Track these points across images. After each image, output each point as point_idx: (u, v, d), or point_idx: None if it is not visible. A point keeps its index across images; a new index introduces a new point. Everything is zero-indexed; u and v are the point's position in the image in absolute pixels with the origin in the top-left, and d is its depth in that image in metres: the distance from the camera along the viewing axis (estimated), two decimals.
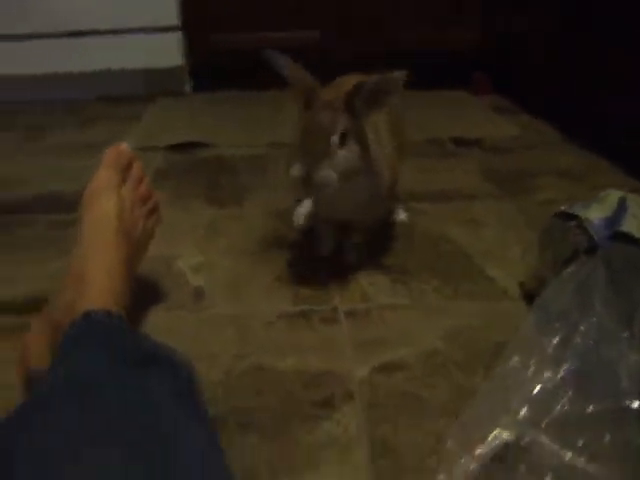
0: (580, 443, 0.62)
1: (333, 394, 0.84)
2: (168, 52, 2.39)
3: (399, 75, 0.97)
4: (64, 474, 0.53)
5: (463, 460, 0.63)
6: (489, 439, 0.64)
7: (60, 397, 0.61)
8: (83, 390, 0.61)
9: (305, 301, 1.06)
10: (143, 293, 0.96)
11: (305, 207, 1.18)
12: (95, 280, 0.82)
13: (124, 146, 0.98)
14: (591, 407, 0.62)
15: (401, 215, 1.34)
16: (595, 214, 0.93)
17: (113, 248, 0.87)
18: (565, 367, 0.65)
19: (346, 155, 0.98)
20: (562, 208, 1.01)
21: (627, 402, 0.61)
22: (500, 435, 0.64)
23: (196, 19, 2.37)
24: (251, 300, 1.08)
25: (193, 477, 0.55)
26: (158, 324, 0.92)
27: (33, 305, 1.06)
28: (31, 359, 0.84)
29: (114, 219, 0.90)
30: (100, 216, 0.90)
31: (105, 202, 0.91)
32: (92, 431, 0.56)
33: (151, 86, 2.50)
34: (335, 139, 0.97)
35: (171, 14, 2.34)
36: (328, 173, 0.96)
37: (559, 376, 0.65)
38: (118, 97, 2.46)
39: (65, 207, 1.47)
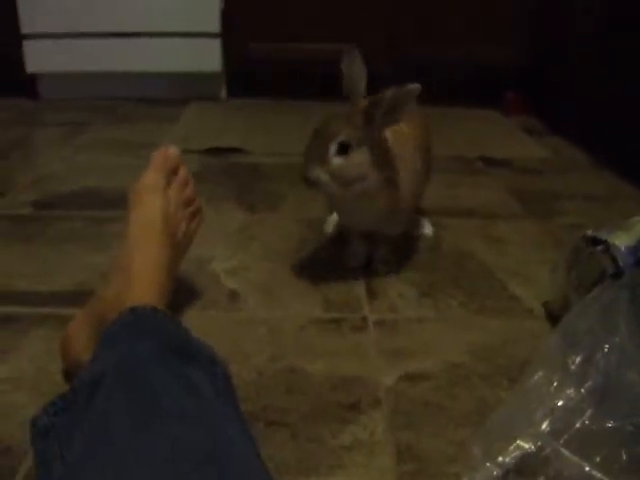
0: (598, 458, 0.65)
1: (360, 399, 0.88)
2: (207, 57, 2.44)
3: (414, 88, 1.03)
4: (110, 460, 0.56)
5: (486, 466, 0.66)
6: (511, 448, 0.67)
7: (109, 384, 0.64)
8: (131, 379, 0.64)
9: (336, 308, 1.10)
10: (179, 293, 1.00)
11: (335, 216, 1.24)
12: (141, 277, 0.86)
13: (172, 149, 1.02)
14: (611, 424, 0.65)
15: (427, 229, 1.38)
16: (621, 240, 0.96)
17: (158, 247, 0.91)
18: (587, 384, 0.68)
19: (343, 163, 1.05)
20: (589, 232, 1.04)
21: None
22: (522, 445, 0.67)
23: (235, 27, 2.42)
24: (284, 304, 1.11)
25: (237, 472, 0.58)
26: (193, 323, 0.95)
27: (73, 297, 1.10)
28: (74, 349, 0.88)
29: (160, 220, 0.93)
30: (146, 216, 0.94)
31: (151, 203, 0.95)
32: (139, 421, 0.59)
33: (188, 90, 2.55)
34: (333, 147, 1.04)
35: (213, 21, 2.39)
36: (319, 175, 1.04)
37: (581, 393, 0.68)
38: (156, 99, 2.52)
39: (101, 204, 1.52)
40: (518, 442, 0.67)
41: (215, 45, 2.43)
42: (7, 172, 1.73)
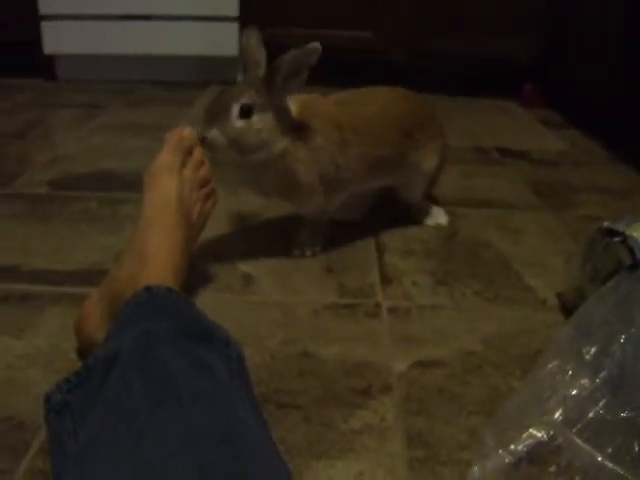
0: (611, 448, 0.64)
1: (372, 384, 0.88)
2: (225, 41, 2.44)
3: (313, 48, 1.00)
4: (124, 440, 0.56)
5: (498, 454, 0.66)
6: (523, 436, 0.67)
7: (123, 363, 0.64)
8: (146, 359, 0.64)
9: (350, 294, 1.10)
10: (193, 275, 1.00)
11: None
12: (156, 257, 0.86)
13: (187, 130, 1.02)
14: (625, 414, 0.65)
15: (441, 218, 1.37)
16: (638, 232, 0.96)
17: (173, 228, 0.91)
18: (602, 374, 0.68)
19: (244, 127, 1.03)
20: (605, 224, 1.04)
21: None
22: (534, 434, 0.67)
23: (253, 11, 2.41)
24: (298, 288, 1.11)
25: (250, 453, 0.58)
26: (207, 306, 0.95)
27: (88, 277, 1.11)
28: (89, 327, 0.88)
29: (174, 200, 0.94)
30: (161, 196, 0.94)
31: (166, 183, 0.95)
32: (154, 401, 0.59)
33: (206, 73, 2.55)
34: (235, 108, 1.02)
35: (232, 5, 2.38)
36: (216, 137, 1.02)
37: (596, 382, 0.67)
38: (173, 82, 2.52)
39: (115, 185, 1.53)
40: (530, 430, 0.67)
41: (233, 29, 2.42)
42: (24, 152, 1.73)
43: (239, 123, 1.03)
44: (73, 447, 0.63)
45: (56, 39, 2.44)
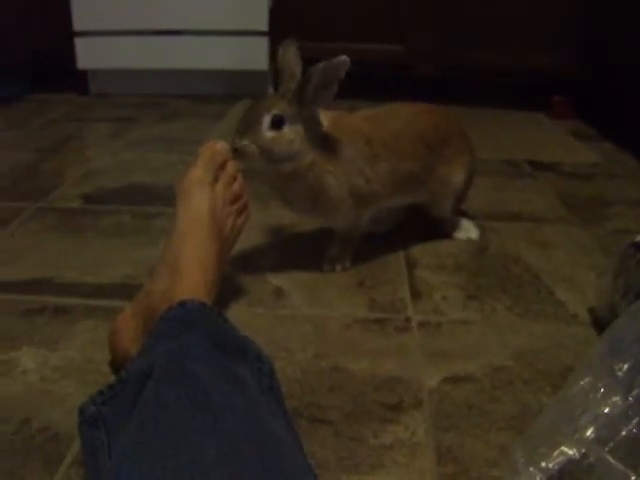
0: None
1: (403, 399, 0.88)
2: (255, 56, 2.46)
3: (342, 61, 1.01)
4: (160, 454, 0.57)
5: (529, 471, 0.66)
6: (555, 454, 0.67)
7: (158, 378, 0.65)
8: (181, 373, 0.65)
9: (380, 308, 1.10)
10: (225, 289, 1.01)
11: None
12: (189, 272, 0.87)
13: (220, 144, 1.03)
14: None
15: (472, 233, 1.37)
16: None
17: (205, 242, 0.92)
18: (635, 392, 0.67)
19: (275, 137, 1.05)
20: (638, 238, 1.03)
21: None
22: (566, 451, 0.67)
23: (282, 26, 2.43)
24: (329, 303, 1.12)
25: (283, 468, 0.58)
26: (239, 319, 0.96)
27: (120, 290, 1.13)
28: (123, 341, 0.90)
29: (207, 215, 0.94)
30: (194, 211, 0.95)
31: (199, 198, 0.96)
32: (189, 415, 0.60)
33: (235, 88, 2.57)
34: (267, 119, 1.04)
35: (262, 20, 2.40)
36: (248, 146, 1.04)
37: (628, 400, 0.67)
38: (204, 96, 2.54)
39: (147, 199, 1.54)
40: (562, 448, 0.66)
41: (263, 43, 2.44)
42: (58, 166, 1.76)
43: (270, 133, 1.04)
44: (107, 461, 0.64)
45: (89, 55, 2.48)
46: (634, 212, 1.56)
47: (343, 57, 1.01)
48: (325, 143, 1.10)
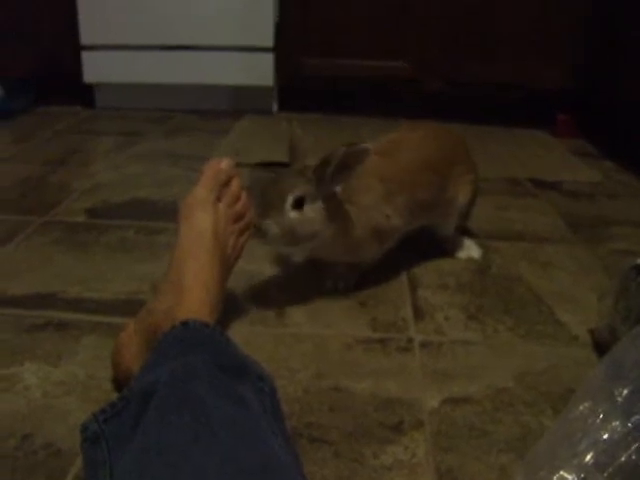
0: None
1: (403, 420, 0.88)
2: (260, 72, 2.47)
3: (364, 149, 1.03)
4: (162, 472, 0.57)
5: None
6: (554, 478, 0.67)
7: (161, 396, 0.66)
8: (183, 393, 0.65)
9: (382, 328, 1.11)
10: (227, 307, 1.01)
11: None
12: (192, 291, 0.88)
13: (225, 162, 1.04)
14: None
15: (474, 252, 1.37)
16: None
17: (208, 261, 0.93)
18: (634, 418, 0.68)
19: (298, 218, 1.05)
20: (639, 261, 1.03)
21: None
22: (565, 476, 0.67)
23: (289, 42, 2.45)
24: (331, 322, 1.12)
25: None
26: (240, 338, 0.97)
27: (123, 306, 1.13)
28: (126, 358, 0.90)
29: (210, 235, 0.95)
30: (197, 230, 0.95)
31: (201, 217, 0.97)
32: (191, 434, 0.60)
33: (240, 103, 2.59)
34: (289, 199, 1.04)
35: (267, 36, 2.42)
36: (271, 227, 1.04)
37: (627, 426, 0.67)
38: (209, 111, 2.56)
39: (151, 214, 1.55)
40: (561, 472, 0.67)
41: (268, 59, 2.46)
42: (64, 180, 1.77)
43: (292, 214, 1.05)
44: (108, 479, 0.65)
45: (96, 69, 2.50)
46: (636, 232, 1.56)
47: (365, 146, 1.03)
48: (340, 212, 1.12)
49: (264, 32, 2.42)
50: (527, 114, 2.47)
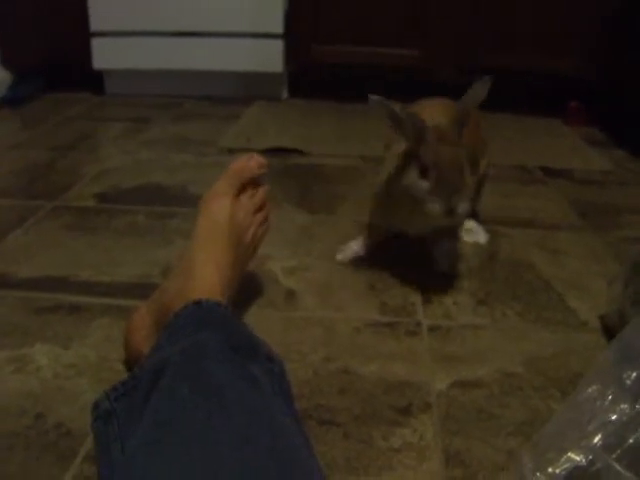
0: None
1: (412, 403, 0.89)
2: (270, 58, 2.47)
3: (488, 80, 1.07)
4: (174, 451, 0.58)
5: (536, 476, 0.67)
6: (562, 460, 0.67)
7: (172, 374, 0.66)
8: (195, 371, 0.66)
9: (391, 312, 1.11)
10: (238, 290, 1.02)
11: (354, 246, 1.27)
12: (205, 273, 0.88)
13: (255, 160, 1.02)
14: None
15: (481, 237, 1.37)
16: None
17: (222, 248, 0.93)
18: None
19: (471, 183, 1.07)
20: None
21: None
22: (573, 458, 0.67)
23: (299, 29, 2.44)
24: (341, 305, 1.13)
25: (295, 467, 0.59)
26: (251, 321, 0.97)
27: (134, 289, 1.14)
28: (137, 339, 0.91)
29: (226, 222, 0.95)
30: (213, 219, 0.96)
31: (219, 208, 0.97)
32: (203, 412, 0.61)
33: (250, 90, 2.58)
34: (467, 172, 1.04)
35: (277, 22, 2.41)
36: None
37: (636, 408, 0.67)
38: (219, 97, 2.56)
39: (162, 199, 1.55)
40: (569, 454, 0.67)
41: (278, 46, 2.45)
42: (74, 165, 1.78)
43: (469, 180, 1.06)
44: (119, 455, 0.66)
45: (105, 55, 2.50)
46: None
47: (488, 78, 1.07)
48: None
49: (274, 18, 2.41)
50: (539, 102, 2.46)
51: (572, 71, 2.37)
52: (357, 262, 1.27)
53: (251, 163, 1.02)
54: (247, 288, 1.15)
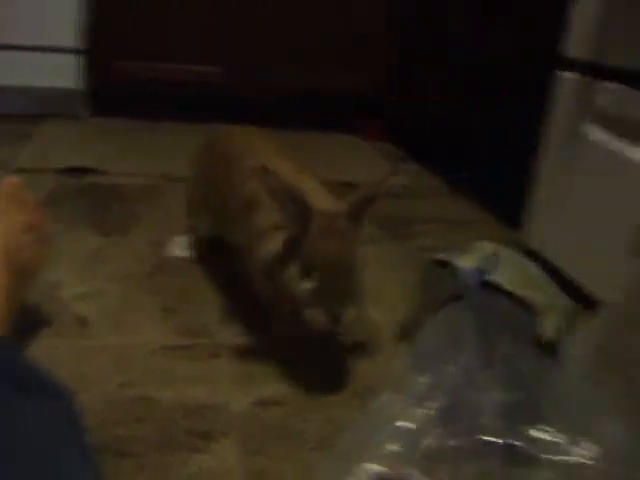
0: (445, 475, 0.66)
1: (212, 426, 0.86)
2: (64, 74, 2.35)
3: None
4: None
5: None
6: (358, 470, 0.67)
7: None
8: None
9: (190, 334, 1.08)
10: (25, 321, 0.95)
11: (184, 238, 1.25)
12: None
13: (12, 179, 0.99)
14: (452, 442, 0.67)
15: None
16: (466, 263, 0.99)
17: None
18: (433, 405, 0.69)
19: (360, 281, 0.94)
20: (439, 255, 1.07)
21: (485, 436, 0.67)
22: (368, 467, 0.68)
23: (100, 44, 2.35)
24: (135, 330, 1.08)
25: None
26: (39, 352, 0.91)
27: None
28: None
29: None
30: None
31: None
32: None
33: (43, 106, 2.45)
34: (357, 268, 0.92)
35: (69, 36, 2.31)
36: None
37: (427, 413, 0.69)
38: (8, 114, 2.40)
39: None
40: (364, 464, 0.67)
41: (73, 61, 2.35)
42: None
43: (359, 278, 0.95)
44: None
45: None
46: (442, 230, 1.63)
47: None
48: None
49: (66, 32, 2.31)
50: (333, 118, 2.51)
51: (363, 87, 2.46)
52: (151, 285, 1.23)
53: (12, 182, 0.98)
54: (37, 317, 1.07)
